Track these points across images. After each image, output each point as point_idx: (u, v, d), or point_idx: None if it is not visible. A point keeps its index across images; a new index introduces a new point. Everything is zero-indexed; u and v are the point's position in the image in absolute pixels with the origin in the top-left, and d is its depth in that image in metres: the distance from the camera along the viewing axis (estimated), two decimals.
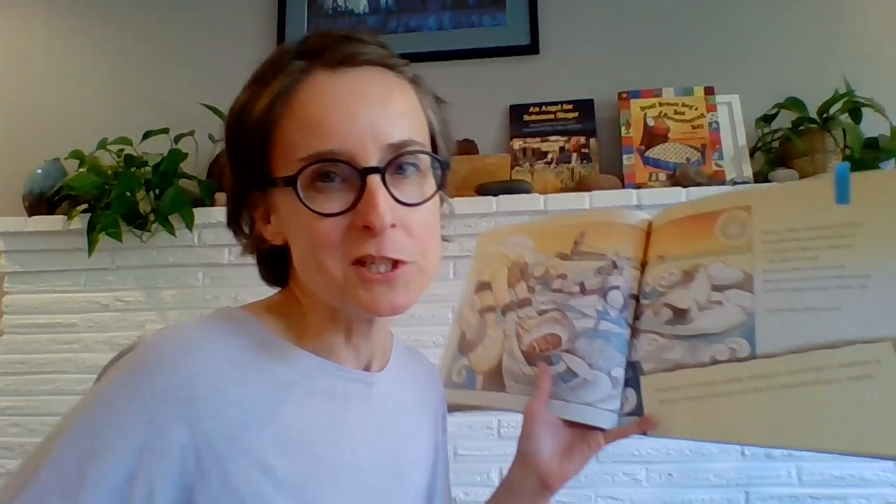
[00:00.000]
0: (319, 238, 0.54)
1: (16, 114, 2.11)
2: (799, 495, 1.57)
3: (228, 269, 1.81)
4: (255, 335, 0.58)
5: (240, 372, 0.55)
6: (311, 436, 0.57)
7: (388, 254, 0.53)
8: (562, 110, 1.87)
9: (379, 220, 0.52)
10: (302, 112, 0.55)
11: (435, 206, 0.59)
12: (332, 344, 0.61)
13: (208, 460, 0.51)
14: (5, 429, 1.81)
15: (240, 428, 0.53)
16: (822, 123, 1.65)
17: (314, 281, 0.57)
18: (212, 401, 0.52)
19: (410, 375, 0.73)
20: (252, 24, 2.06)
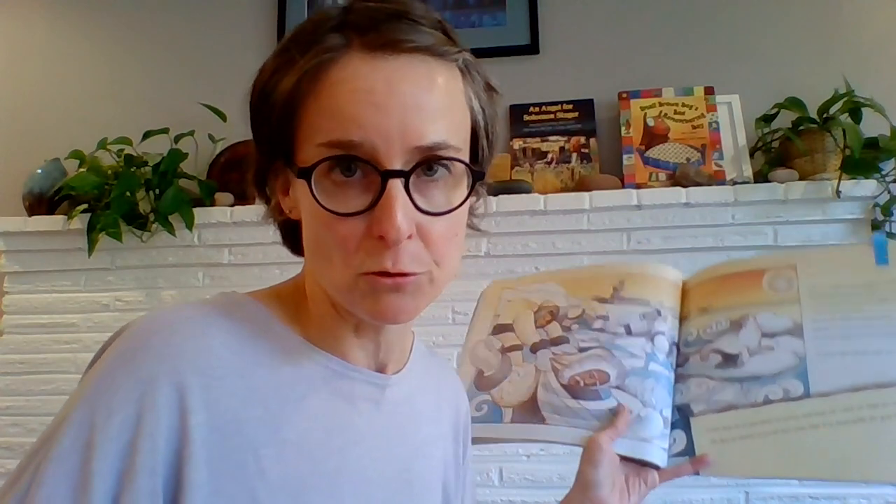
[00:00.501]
0: (334, 240, 0.49)
1: (16, 114, 2.11)
2: (799, 495, 1.57)
3: (228, 269, 1.81)
4: (260, 323, 0.55)
5: (240, 360, 0.51)
6: (311, 438, 0.53)
7: (404, 268, 0.49)
8: (562, 110, 1.87)
9: (395, 232, 0.47)
10: (329, 95, 0.49)
11: (461, 213, 0.54)
12: (341, 339, 0.57)
13: (199, 456, 0.47)
14: (5, 429, 1.81)
15: (234, 423, 0.49)
16: (822, 123, 1.64)
17: (322, 274, 0.53)
18: (206, 389, 0.49)
19: (431, 381, 0.68)
20: (252, 24, 2.06)
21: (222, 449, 0.48)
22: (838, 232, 1.63)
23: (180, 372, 0.48)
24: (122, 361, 0.49)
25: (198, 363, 0.49)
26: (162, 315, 0.52)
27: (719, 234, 1.66)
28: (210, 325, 0.52)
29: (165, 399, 0.47)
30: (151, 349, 0.49)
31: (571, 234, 1.70)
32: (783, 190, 1.62)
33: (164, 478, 0.47)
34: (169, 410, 0.47)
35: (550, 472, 1.64)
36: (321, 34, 0.50)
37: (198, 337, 0.50)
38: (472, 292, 1.72)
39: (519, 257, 1.72)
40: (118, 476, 0.45)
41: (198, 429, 0.48)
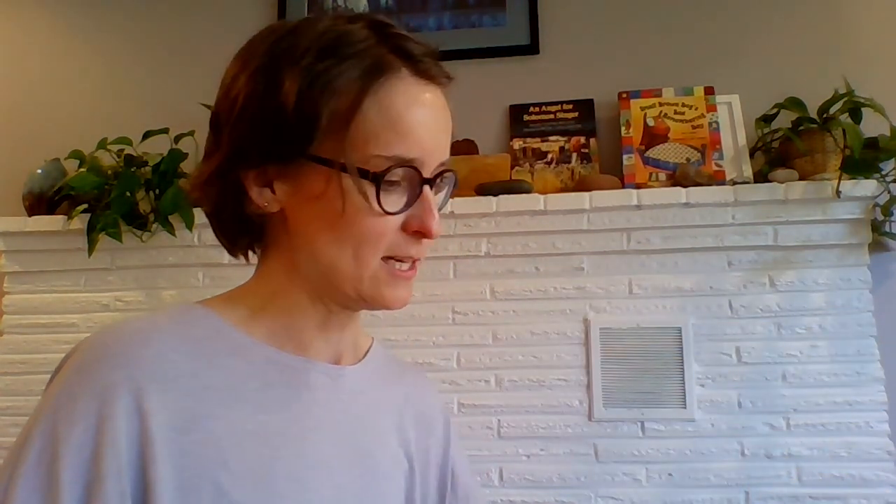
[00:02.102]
0: (374, 233, 0.56)
1: (16, 114, 2.11)
2: (799, 495, 1.57)
3: (228, 269, 1.81)
4: (211, 327, 0.58)
5: (192, 362, 0.54)
6: (269, 427, 0.56)
7: (420, 255, 0.59)
8: (562, 110, 1.87)
9: (436, 227, 0.57)
10: (391, 109, 0.55)
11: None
12: (299, 333, 0.61)
13: (162, 455, 0.50)
14: (5, 429, 1.81)
15: (193, 420, 0.52)
16: (822, 123, 1.64)
17: (337, 268, 0.58)
18: (162, 392, 0.51)
19: (391, 376, 0.72)
20: (252, 24, 2.04)
21: (184, 446, 0.51)
22: (838, 232, 1.63)
23: (136, 378, 0.51)
24: (80, 374, 0.51)
25: (152, 369, 0.52)
26: (114, 328, 0.55)
27: (719, 234, 1.66)
28: (161, 333, 0.55)
29: (124, 405, 0.50)
30: (107, 360, 0.52)
31: (571, 234, 1.70)
32: (783, 190, 1.62)
33: (131, 479, 0.49)
34: (128, 415, 0.50)
35: (550, 473, 1.64)
36: (365, 46, 0.55)
37: (150, 344, 0.53)
38: (472, 292, 1.73)
39: (519, 257, 1.72)
40: (85, 484, 0.48)
41: (158, 430, 0.50)
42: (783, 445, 1.60)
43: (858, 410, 1.59)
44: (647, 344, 1.66)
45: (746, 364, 1.64)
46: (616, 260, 1.70)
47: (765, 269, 1.66)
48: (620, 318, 1.68)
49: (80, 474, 0.48)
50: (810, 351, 1.62)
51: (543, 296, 1.71)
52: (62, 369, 0.53)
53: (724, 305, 1.66)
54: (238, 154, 0.57)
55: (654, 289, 1.69)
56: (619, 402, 1.64)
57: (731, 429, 1.62)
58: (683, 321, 1.65)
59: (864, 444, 1.58)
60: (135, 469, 0.49)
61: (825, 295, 1.63)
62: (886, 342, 1.62)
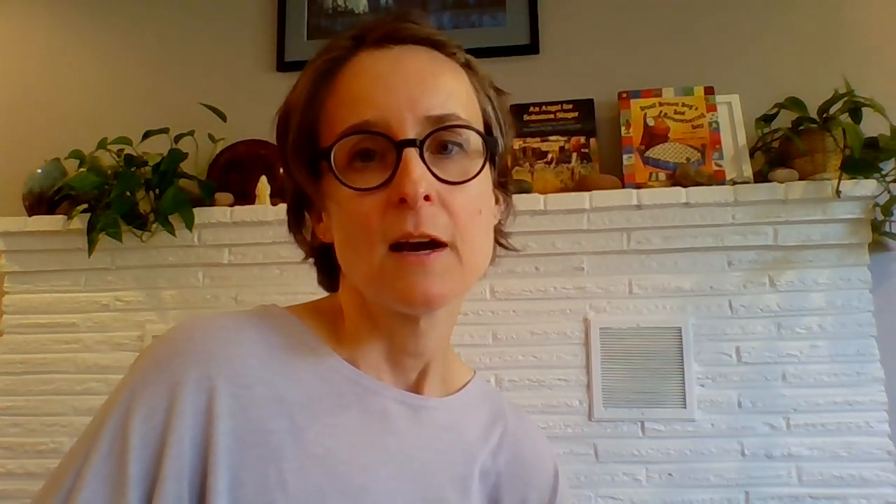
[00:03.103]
0: (357, 219, 0.51)
1: (16, 114, 2.11)
2: (799, 495, 1.57)
3: (228, 269, 1.81)
4: (294, 336, 0.55)
5: (269, 371, 0.52)
6: (336, 454, 0.52)
7: (425, 229, 0.49)
8: (562, 110, 1.87)
9: (412, 187, 0.48)
10: (343, 88, 0.53)
11: (481, 190, 0.55)
12: (374, 357, 0.57)
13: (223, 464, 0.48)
14: (5, 429, 1.81)
15: (259, 433, 0.50)
16: (822, 123, 1.64)
17: (353, 269, 0.54)
18: (235, 397, 0.50)
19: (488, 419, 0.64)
20: (252, 23, 2.06)
21: (245, 458, 0.49)
22: (838, 232, 1.63)
23: (210, 378, 0.49)
24: (156, 366, 0.50)
25: (228, 371, 0.50)
26: (197, 322, 0.53)
27: (719, 234, 1.66)
28: (242, 334, 0.53)
29: (193, 404, 0.49)
30: (184, 355, 0.50)
31: (571, 234, 1.70)
32: (783, 190, 1.62)
33: (190, 483, 0.48)
34: (196, 416, 0.48)
35: None
36: (333, 46, 0.55)
37: (230, 345, 0.52)
38: (472, 292, 1.72)
39: (519, 257, 1.72)
40: (151, 479, 0.47)
41: (223, 436, 0.49)
42: (783, 445, 1.60)
43: (858, 410, 1.59)
44: (647, 344, 1.66)
45: (746, 364, 1.63)
46: (616, 260, 1.70)
47: (765, 269, 1.66)
48: (620, 318, 1.68)
49: (147, 469, 0.47)
50: (810, 351, 1.62)
51: (543, 296, 1.71)
52: (142, 356, 0.52)
53: (724, 305, 1.66)
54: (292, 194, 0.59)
55: (654, 289, 1.69)
56: (619, 402, 1.64)
57: (731, 429, 1.61)
58: (683, 321, 1.65)
59: (864, 444, 1.57)
60: (195, 474, 0.48)
61: (825, 295, 1.63)
62: (886, 342, 1.62)
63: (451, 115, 0.51)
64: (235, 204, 1.81)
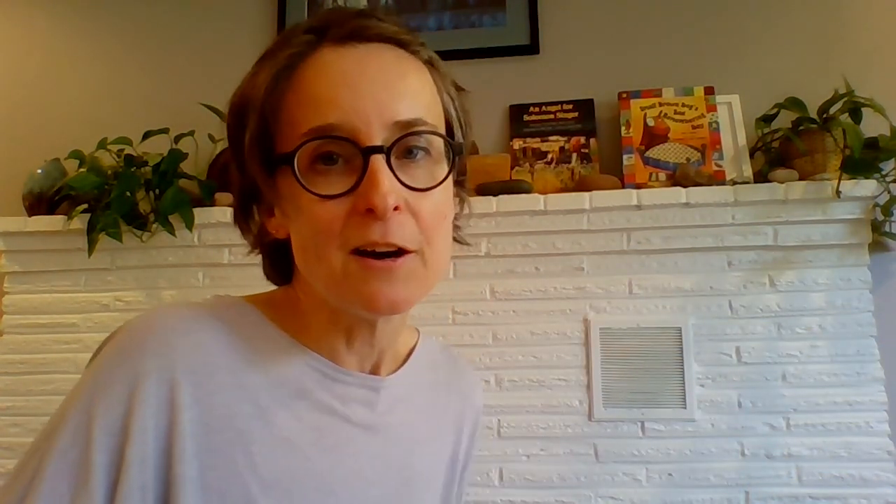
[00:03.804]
0: (320, 225, 0.49)
1: (16, 114, 2.11)
2: (799, 495, 1.57)
3: (228, 269, 1.81)
4: (255, 325, 0.56)
5: (231, 359, 0.52)
6: (303, 437, 0.53)
7: (392, 239, 0.49)
8: (562, 110, 1.87)
9: (381, 200, 0.47)
10: (304, 86, 0.51)
11: (447, 195, 0.55)
12: (333, 346, 0.57)
13: (189, 451, 0.48)
14: (5, 429, 1.81)
15: (225, 419, 0.50)
16: (822, 123, 1.64)
17: (313, 273, 0.53)
18: (197, 386, 0.50)
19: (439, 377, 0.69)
20: (252, 23, 2.06)
21: (213, 444, 0.49)
22: (838, 232, 1.63)
23: (172, 369, 0.49)
24: (118, 358, 0.50)
25: (189, 360, 0.50)
26: (156, 314, 0.53)
27: (719, 234, 1.66)
28: (203, 324, 0.53)
29: (156, 395, 0.48)
30: (145, 346, 0.50)
31: (571, 234, 1.70)
32: (783, 190, 1.62)
33: (155, 471, 0.48)
34: (159, 406, 0.48)
35: (550, 472, 1.64)
36: (293, 37, 0.53)
37: (190, 334, 0.51)
38: (472, 292, 1.73)
39: (519, 257, 1.72)
40: (114, 468, 0.47)
41: (188, 424, 0.49)
42: (783, 445, 1.60)
43: (858, 410, 1.59)
44: (647, 344, 1.66)
45: (746, 364, 1.63)
46: (616, 260, 1.70)
47: (765, 269, 1.66)
48: (620, 318, 1.68)
49: (110, 458, 0.47)
50: (810, 351, 1.62)
51: (543, 296, 1.71)
52: (104, 347, 0.52)
53: (724, 305, 1.66)
54: (240, 188, 0.57)
55: (654, 289, 1.69)
56: (619, 402, 1.64)
57: (731, 429, 1.61)
58: (683, 321, 1.65)
59: (864, 444, 1.57)
60: (160, 463, 0.48)
61: (825, 295, 1.63)
62: (886, 342, 1.62)
63: (419, 120, 0.51)
64: None
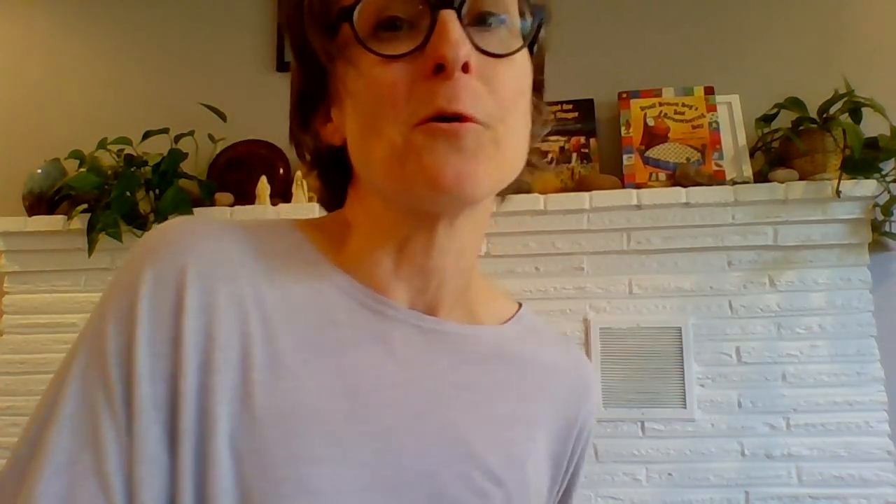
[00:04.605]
0: (381, 90, 0.43)
1: (16, 114, 2.11)
2: (799, 495, 1.57)
3: None
4: (290, 243, 0.49)
5: (252, 272, 0.46)
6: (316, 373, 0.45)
7: (461, 106, 0.42)
8: (562, 110, 1.87)
9: (451, 50, 0.41)
10: None
11: (526, 70, 0.48)
12: (377, 270, 0.49)
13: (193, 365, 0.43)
14: (5, 429, 1.81)
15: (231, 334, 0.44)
16: (822, 123, 1.64)
17: (371, 155, 0.45)
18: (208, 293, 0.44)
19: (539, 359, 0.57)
20: (252, 23, 2.06)
21: (215, 361, 0.43)
22: (838, 232, 1.63)
23: (182, 270, 0.44)
24: (130, 262, 0.46)
25: (203, 264, 0.45)
26: (178, 219, 0.48)
27: (719, 234, 1.66)
28: (227, 232, 0.48)
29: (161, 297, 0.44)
30: (158, 248, 0.45)
31: (571, 234, 1.70)
32: (783, 190, 1.62)
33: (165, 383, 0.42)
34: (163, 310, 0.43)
35: None
36: None
37: (209, 239, 0.46)
38: None
39: (519, 257, 1.72)
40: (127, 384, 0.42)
41: (193, 334, 0.43)
42: (783, 445, 1.60)
43: (858, 410, 1.59)
44: (647, 344, 1.66)
45: (746, 364, 1.64)
46: (616, 260, 1.70)
47: (765, 269, 1.66)
48: (620, 318, 1.68)
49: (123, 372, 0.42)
50: (810, 351, 1.62)
51: (543, 296, 1.71)
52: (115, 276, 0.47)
53: (724, 305, 1.66)
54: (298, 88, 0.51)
55: (654, 289, 1.69)
56: (619, 402, 1.64)
57: (731, 429, 1.62)
58: (683, 321, 1.65)
59: (864, 444, 1.58)
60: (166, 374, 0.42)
61: (825, 295, 1.63)
62: (886, 342, 1.62)
63: None
64: (235, 204, 1.81)
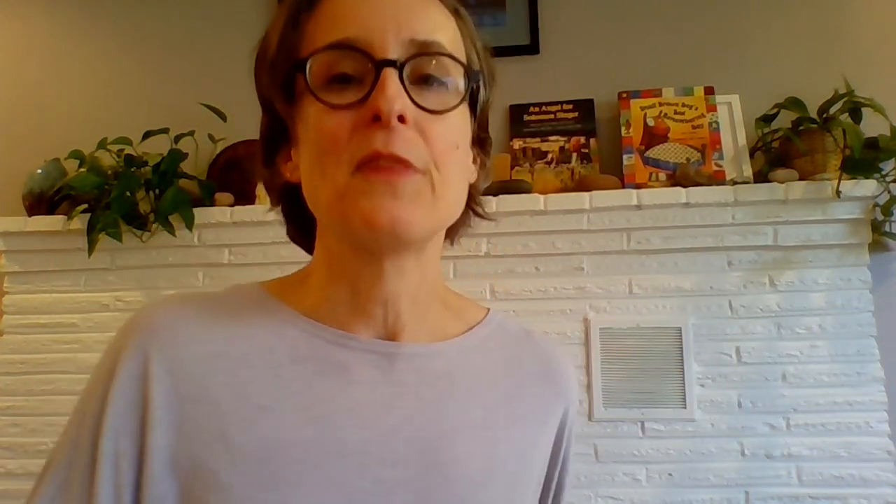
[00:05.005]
0: (325, 136, 0.48)
1: (16, 114, 2.11)
2: (799, 495, 1.57)
3: (228, 269, 1.81)
4: (252, 301, 0.55)
5: (213, 331, 0.52)
6: (286, 405, 0.50)
7: (396, 149, 0.46)
8: (562, 110, 1.87)
9: (386, 103, 0.46)
10: (324, 11, 0.51)
11: (462, 125, 0.52)
12: (338, 308, 0.54)
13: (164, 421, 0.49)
14: (5, 429, 1.81)
15: (199, 388, 0.50)
16: (822, 123, 1.64)
17: (317, 196, 0.51)
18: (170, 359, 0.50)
19: (507, 361, 0.61)
20: (252, 23, 2.06)
21: (186, 414, 0.50)
22: (838, 232, 1.63)
23: (146, 344, 0.51)
24: (109, 346, 0.53)
25: (165, 335, 0.51)
26: (154, 301, 0.56)
27: (719, 234, 1.66)
28: (188, 303, 0.55)
29: (129, 368, 0.50)
30: (128, 329, 0.53)
31: (571, 234, 1.70)
32: (783, 190, 1.62)
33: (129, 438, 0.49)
34: (131, 379, 0.50)
35: None
36: None
37: (171, 312, 0.53)
38: (472, 292, 1.73)
39: (519, 257, 1.72)
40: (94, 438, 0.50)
41: (161, 395, 0.50)
42: (783, 445, 1.60)
43: (858, 410, 1.59)
44: (647, 344, 1.66)
45: (746, 364, 1.64)
46: (616, 260, 1.70)
47: (765, 269, 1.66)
48: (620, 318, 1.68)
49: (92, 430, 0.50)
50: (810, 351, 1.62)
51: (543, 296, 1.71)
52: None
53: (724, 305, 1.66)
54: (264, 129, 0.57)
55: (654, 289, 1.69)
56: (619, 402, 1.64)
57: (731, 429, 1.62)
58: (683, 321, 1.65)
59: (864, 444, 1.58)
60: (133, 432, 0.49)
61: (825, 295, 1.63)
62: (886, 342, 1.62)
63: (436, 43, 0.49)
64: (235, 204, 1.81)
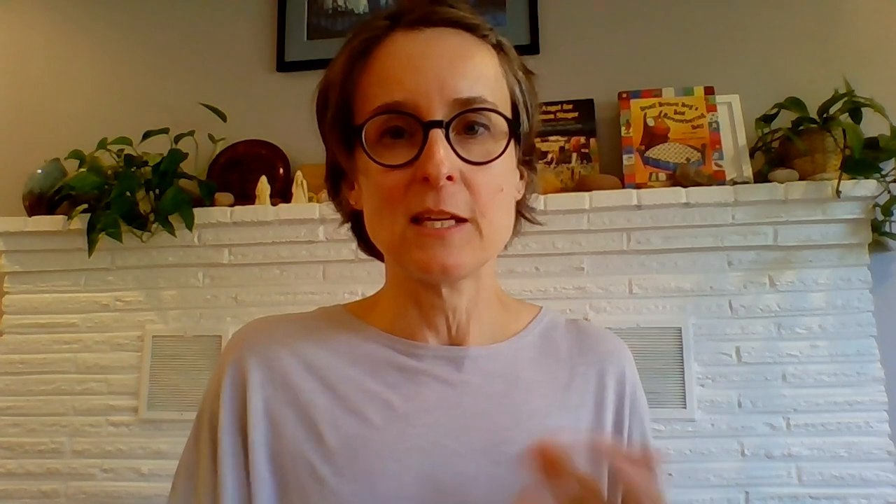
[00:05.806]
0: (383, 192, 0.55)
1: (16, 114, 2.11)
2: (799, 495, 1.57)
3: (228, 269, 1.81)
4: (335, 318, 0.64)
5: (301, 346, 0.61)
6: (370, 407, 0.58)
7: (445, 206, 0.53)
8: (562, 110, 1.87)
9: (435, 168, 0.51)
10: (377, 68, 0.56)
11: (505, 168, 0.58)
12: (407, 322, 0.62)
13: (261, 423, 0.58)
14: (5, 429, 1.81)
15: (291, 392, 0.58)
16: (822, 123, 1.64)
17: (379, 238, 0.59)
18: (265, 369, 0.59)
19: (549, 352, 0.66)
20: (252, 23, 2.06)
21: (281, 415, 0.58)
22: (838, 232, 1.63)
23: (245, 357, 0.61)
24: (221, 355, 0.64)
25: (260, 349, 0.61)
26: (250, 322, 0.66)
27: (719, 234, 1.66)
28: (281, 321, 0.64)
29: (231, 379, 0.60)
30: (230, 346, 0.63)
31: (571, 234, 1.70)
32: (783, 190, 1.62)
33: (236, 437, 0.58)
34: (234, 388, 0.60)
35: None
36: (370, 24, 0.59)
37: (266, 330, 0.63)
38: None
39: (519, 257, 1.72)
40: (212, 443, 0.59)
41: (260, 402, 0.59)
42: (783, 445, 1.60)
43: (858, 410, 1.59)
44: (647, 344, 1.66)
45: (746, 364, 1.64)
46: (616, 260, 1.70)
47: (765, 269, 1.66)
48: (620, 318, 1.68)
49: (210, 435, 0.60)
50: (810, 351, 1.62)
51: (543, 296, 1.71)
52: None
53: (724, 305, 1.66)
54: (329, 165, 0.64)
55: (654, 289, 1.69)
56: None
57: (731, 429, 1.61)
58: (683, 321, 1.65)
59: (864, 444, 1.57)
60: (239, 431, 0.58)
61: (825, 295, 1.63)
62: (886, 342, 1.62)
63: (478, 99, 0.55)
64: (235, 204, 1.81)
